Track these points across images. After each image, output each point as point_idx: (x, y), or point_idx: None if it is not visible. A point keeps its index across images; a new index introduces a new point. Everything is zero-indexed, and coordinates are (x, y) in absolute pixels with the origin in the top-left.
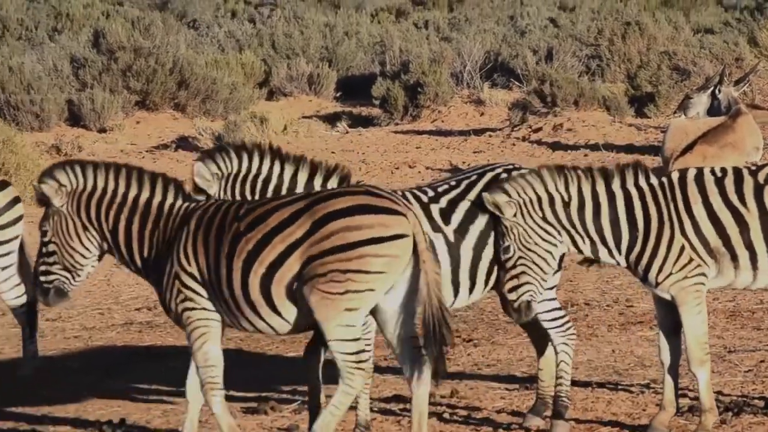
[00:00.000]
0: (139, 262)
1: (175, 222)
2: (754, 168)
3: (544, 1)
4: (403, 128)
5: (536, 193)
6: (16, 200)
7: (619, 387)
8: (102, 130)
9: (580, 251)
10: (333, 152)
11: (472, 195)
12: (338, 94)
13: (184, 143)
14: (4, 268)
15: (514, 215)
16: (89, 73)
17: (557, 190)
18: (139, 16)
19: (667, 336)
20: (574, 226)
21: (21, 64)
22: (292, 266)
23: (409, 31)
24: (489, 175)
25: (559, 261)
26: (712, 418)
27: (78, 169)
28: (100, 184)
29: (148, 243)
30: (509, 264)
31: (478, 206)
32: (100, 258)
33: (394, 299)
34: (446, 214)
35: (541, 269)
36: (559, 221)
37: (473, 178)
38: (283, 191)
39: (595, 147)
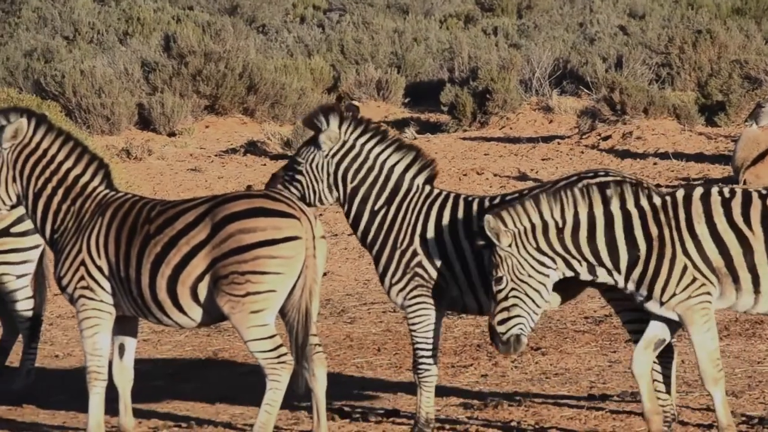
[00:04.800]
0: (48, 235)
1: (91, 206)
2: (765, 191)
3: (614, 9)
4: (472, 135)
5: (531, 221)
6: None
7: (690, 397)
8: (171, 134)
9: (577, 273)
10: None
11: None
12: (407, 100)
13: (252, 148)
14: (19, 277)
15: (509, 245)
16: (159, 77)
17: (552, 216)
18: (209, 20)
19: (645, 348)
20: (569, 251)
21: (92, 68)
22: (196, 268)
23: (478, 38)
24: (581, 182)
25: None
26: None
27: (32, 125)
28: (44, 145)
29: (62, 217)
30: (500, 296)
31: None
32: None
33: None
34: None
35: (534, 302)
36: (553, 248)
37: (549, 187)
38: (380, 176)
39: (664, 156)
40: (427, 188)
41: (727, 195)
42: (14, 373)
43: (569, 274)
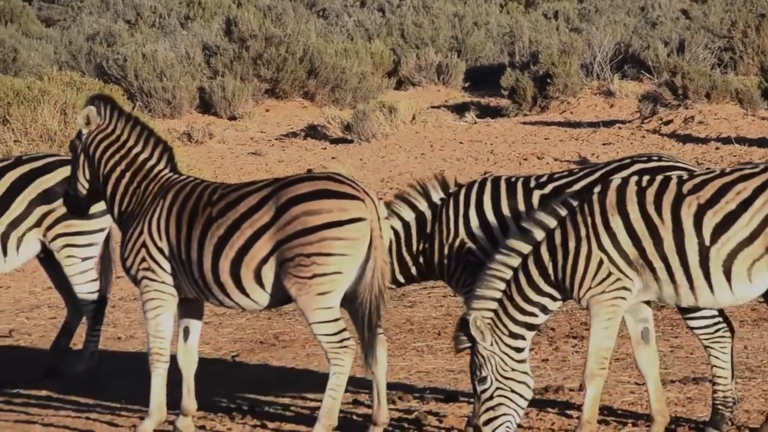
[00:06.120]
0: (116, 217)
1: (155, 188)
2: (685, 177)
3: None
4: (532, 119)
5: (493, 308)
6: None
7: (752, 383)
8: (232, 118)
9: (549, 311)
10: (461, 142)
11: (580, 185)
12: (467, 85)
13: (312, 132)
14: (84, 259)
15: (491, 344)
16: (221, 61)
17: (505, 292)
18: (270, 4)
19: (637, 345)
20: (543, 292)
21: (154, 52)
22: (260, 251)
23: (539, 22)
24: (617, 168)
25: None
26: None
27: (106, 110)
28: (117, 130)
29: (128, 200)
30: (485, 395)
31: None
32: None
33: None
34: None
35: (521, 396)
36: (521, 321)
37: (600, 168)
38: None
39: (726, 140)
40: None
41: (644, 184)
42: (78, 355)
43: (547, 315)
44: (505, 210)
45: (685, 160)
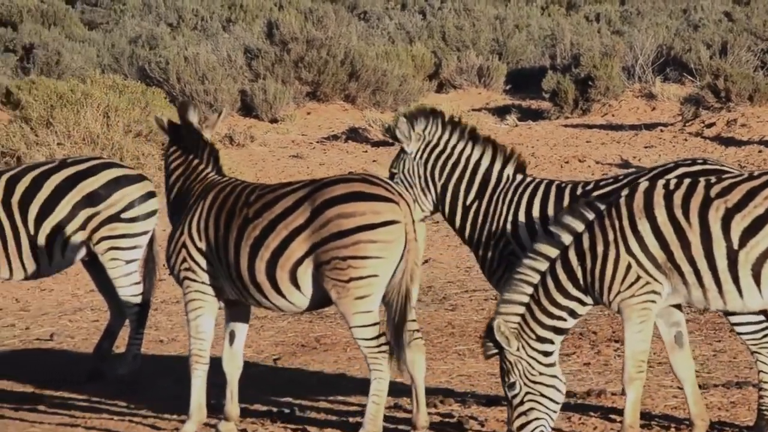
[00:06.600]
0: (169, 214)
1: (198, 189)
2: (713, 180)
3: None
4: (573, 122)
5: (520, 313)
6: (151, 195)
7: None
8: (273, 121)
9: (578, 315)
10: None
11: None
12: (508, 87)
13: (353, 134)
14: (128, 262)
15: (517, 349)
16: (262, 63)
17: (533, 296)
18: (311, 7)
19: (672, 350)
20: (573, 297)
21: (196, 55)
22: (295, 252)
23: (580, 24)
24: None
25: None
26: None
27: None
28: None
29: (180, 200)
30: (516, 400)
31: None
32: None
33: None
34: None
35: (552, 399)
36: (548, 325)
37: (645, 174)
38: (466, 171)
39: None
40: (519, 177)
41: (671, 187)
42: (120, 359)
43: (576, 319)
44: (551, 214)
45: (728, 163)
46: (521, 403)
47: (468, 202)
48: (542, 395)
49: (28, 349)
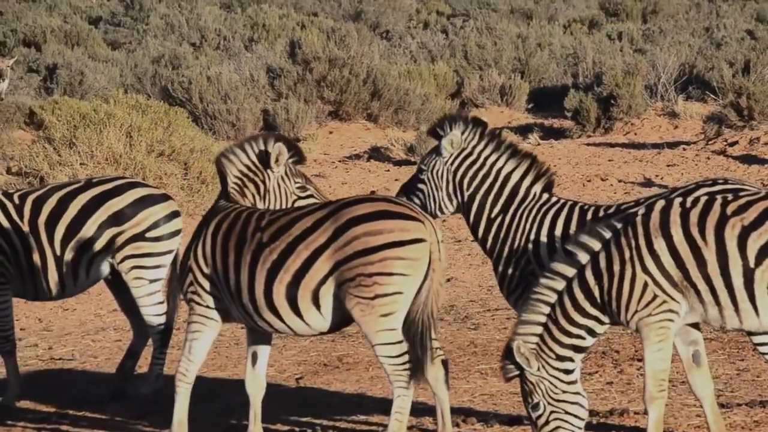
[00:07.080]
0: None
1: (208, 214)
2: (729, 198)
3: (741, 13)
4: (596, 140)
5: (538, 333)
6: (175, 214)
7: None
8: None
9: (597, 334)
10: None
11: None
12: (530, 106)
13: (376, 153)
14: (152, 281)
15: (538, 369)
16: (284, 83)
17: (550, 315)
18: (333, 26)
19: (690, 369)
20: (593, 317)
21: (218, 74)
22: (318, 272)
23: (603, 43)
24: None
25: None
26: None
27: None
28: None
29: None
30: (541, 421)
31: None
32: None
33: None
34: None
35: (576, 416)
36: (567, 344)
37: (665, 195)
38: (496, 184)
39: None
40: (545, 196)
41: (688, 205)
42: (143, 378)
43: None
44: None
45: (750, 182)
46: (546, 422)
47: (493, 215)
48: (567, 413)
49: (51, 369)
